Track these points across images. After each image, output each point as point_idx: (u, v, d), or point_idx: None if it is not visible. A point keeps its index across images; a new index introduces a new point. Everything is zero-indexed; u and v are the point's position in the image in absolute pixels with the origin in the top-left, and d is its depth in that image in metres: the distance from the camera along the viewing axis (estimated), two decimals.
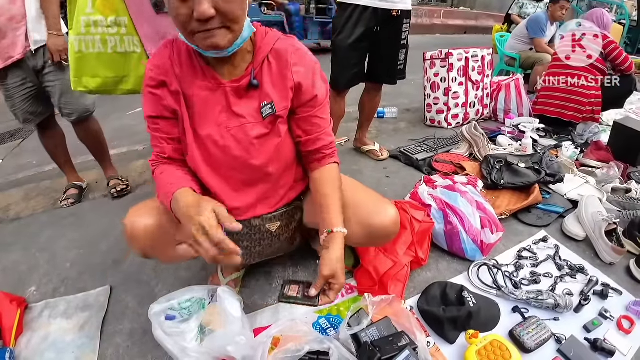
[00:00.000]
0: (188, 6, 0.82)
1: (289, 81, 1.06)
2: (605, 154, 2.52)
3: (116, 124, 3.66)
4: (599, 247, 1.70)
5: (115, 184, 2.30)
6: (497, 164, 2.15)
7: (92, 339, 1.33)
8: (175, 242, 1.07)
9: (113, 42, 1.60)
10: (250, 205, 1.20)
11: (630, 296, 1.48)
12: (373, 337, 1.12)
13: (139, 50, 1.64)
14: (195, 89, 1.05)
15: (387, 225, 1.18)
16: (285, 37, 1.10)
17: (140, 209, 1.13)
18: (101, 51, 1.62)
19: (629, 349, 1.27)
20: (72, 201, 2.23)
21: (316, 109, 1.12)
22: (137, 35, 1.60)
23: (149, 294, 1.50)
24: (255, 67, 1.05)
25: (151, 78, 1.05)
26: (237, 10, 0.87)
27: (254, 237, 1.28)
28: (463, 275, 1.58)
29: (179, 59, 1.04)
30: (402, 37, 2.21)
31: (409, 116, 3.67)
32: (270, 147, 1.12)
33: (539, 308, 1.40)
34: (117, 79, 1.70)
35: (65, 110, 2.08)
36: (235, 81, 1.04)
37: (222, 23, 0.87)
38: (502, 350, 1.16)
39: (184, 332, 1.17)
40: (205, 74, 1.04)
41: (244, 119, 1.07)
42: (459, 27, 11.08)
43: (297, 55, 1.07)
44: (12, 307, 1.37)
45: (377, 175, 2.46)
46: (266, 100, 1.07)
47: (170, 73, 1.04)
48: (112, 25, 1.57)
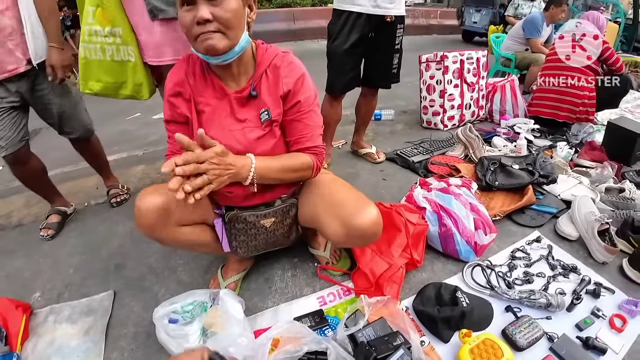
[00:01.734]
0: (192, 14, 1.00)
1: (279, 90, 1.21)
2: (599, 154, 2.54)
3: (115, 129, 3.69)
4: (591, 247, 1.73)
5: (115, 194, 2.29)
6: (491, 165, 2.19)
7: (97, 343, 1.35)
8: (180, 223, 1.24)
9: (110, 50, 1.68)
10: (247, 195, 1.29)
11: (622, 295, 1.50)
12: (369, 337, 1.15)
13: (133, 60, 1.70)
14: (206, 98, 1.21)
15: (368, 226, 1.21)
16: (282, 53, 1.25)
17: (150, 190, 1.20)
18: (101, 59, 1.71)
19: (621, 347, 1.29)
20: (53, 232, 2.00)
21: (301, 114, 1.24)
22: (132, 44, 1.66)
23: (152, 298, 1.54)
24: (255, 80, 1.21)
25: (170, 88, 1.22)
26: (232, 19, 1.03)
27: (249, 232, 1.38)
28: (457, 276, 1.60)
29: (193, 71, 1.21)
30: (396, 42, 2.23)
31: (405, 118, 3.70)
32: (266, 147, 1.25)
33: (531, 307, 1.43)
34: (117, 84, 1.77)
35: (66, 129, 1.99)
36: (239, 92, 1.20)
37: (218, 28, 1.02)
38: (494, 349, 1.19)
39: (187, 335, 1.21)
40: (214, 85, 1.20)
41: (245, 123, 1.22)
42: (455, 27, 11.08)
43: (288, 69, 1.22)
44: (17, 313, 1.39)
45: (374, 178, 2.49)
46: (264, 107, 1.22)
47: (185, 84, 1.20)
48: (109, 35, 1.64)
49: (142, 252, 1.80)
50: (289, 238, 1.47)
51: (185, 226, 1.28)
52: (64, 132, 2.00)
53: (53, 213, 2.10)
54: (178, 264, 1.71)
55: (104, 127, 3.64)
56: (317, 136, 1.29)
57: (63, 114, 1.90)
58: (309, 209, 1.37)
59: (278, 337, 1.15)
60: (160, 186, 1.22)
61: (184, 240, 1.29)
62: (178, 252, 1.75)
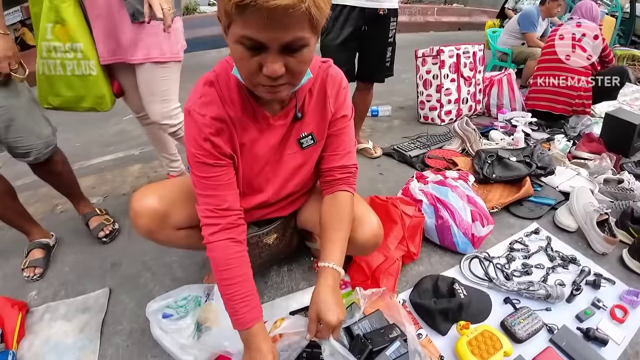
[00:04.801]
0: (257, 60, 0.78)
1: (327, 112, 1.08)
2: (597, 146, 2.54)
3: (113, 129, 3.68)
4: (591, 238, 1.72)
5: (99, 226, 1.90)
6: (488, 158, 2.18)
7: (92, 340, 1.35)
8: (177, 226, 1.16)
9: (71, 66, 1.65)
10: (256, 214, 1.25)
11: (623, 285, 1.50)
12: (365, 330, 1.15)
13: (95, 73, 1.67)
14: (248, 131, 1.03)
15: (367, 238, 1.19)
16: (323, 64, 1.07)
17: (146, 191, 1.16)
18: (62, 74, 1.67)
19: (623, 338, 1.28)
20: (40, 271, 1.68)
21: (339, 129, 1.12)
22: (93, 58, 1.64)
23: (147, 294, 1.52)
24: (299, 100, 1.05)
25: (208, 124, 0.97)
26: (305, 68, 0.86)
27: (253, 252, 1.30)
28: (455, 268, 1.60)
29: (230, 99, 0.98)
30: (389, 35, 2.22)
31: (402, 114, 3.68)
32: (305, 175, 1.18)
33: (530, 299, 1.42)
34: (78, 97, 1.73)
35: (19, 150, 1.52)
36: (282, 117, 1.05)
37: (289, 80, 0.84)
38: (492, 341, 1.18)
39: (181, 329, 1.20)
40: (256, 113, 1.01)
41: (286, 150, 1.11)
42: (452, 23, 11.05)
43: (334, 88, 1.08)
44: (13, 311, 1.38)
45: (371, 173, 2.48)
46: (306, 131, 1.09)
47: (225, 117, 0.99)
48: (70, 51, 1.61)
49: (138, 249, 1.78)
50: (291, 246, 1.46)
51: (183, 229, 1.21)
52: (15, 151, 1.53)
53: (35, 248, 1.75)
54: (173, 261, 1.70)
55: (101, 129, 3.66)
56: (353, 154, 1.17)
57: (11, 123, 1.46)
58: (310, 217, 1.33)
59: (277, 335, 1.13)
60: (158, 186, 1.19)
61: (182, 243, 1.26)
62: (173, 249, 1.73)
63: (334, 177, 1.15)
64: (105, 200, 2.31)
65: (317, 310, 0.98)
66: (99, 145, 3.28)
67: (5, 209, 1.66)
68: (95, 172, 2.44)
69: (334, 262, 1.03)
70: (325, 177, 1.17)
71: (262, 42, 0.74)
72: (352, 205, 1.13)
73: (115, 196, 2.35)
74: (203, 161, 0.98)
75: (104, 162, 2.90)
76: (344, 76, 1.11)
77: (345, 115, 1.12)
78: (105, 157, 3.00)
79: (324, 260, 1.04)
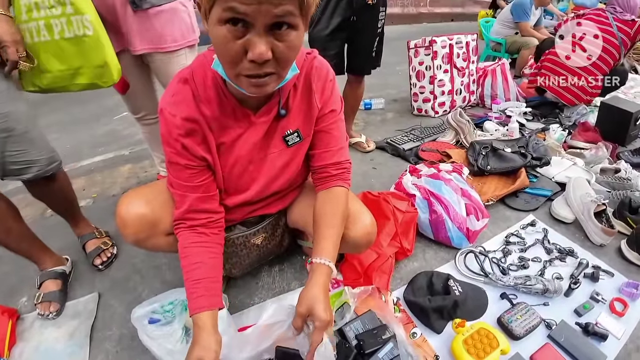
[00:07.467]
0: (241, 44, 0.70)
1: (314, 109, 1.04)
2: (593, 135, 2.50)
3: (102, 130, 3.63)
4: (588, 229, 1.70)
5: (96, 250, 1.68)
6: (483, 149, 2.15)
7: (82, 346, 1.33)
8: (167, 232, 1.12)
9: (59, 26, 1.27)
10: (242, 211, 1.22)
11: (622, 277, 1.47)
12: (357, 331, 1.12)
13: (90, 32, 1.30)
14: (226, 130, 0.99)
15: (360, 236, 1.15)
16: (308, 55, 1.02)
17: (133, 196, 1.12)
18: (47, 40, 1.29)
19: (623, 332, 1.26)
20: (57, 307, 1.44)
21: (329, 124, 1.08)
22: (88, 12, 1.29)
23: (136, 298, 1.50)
24: (283, 96, 1.00)
25: (178, 125, 0.92)
26: (294, 56, 0.79)
27: (240, 253, 1.29)
28: (450, 263, 1.57)
29: (207, 97, 0.93)
30: (378, 26, 2.19)
31: (396, 106, 3.65)
32: (292, 173, 1.15)
33: (527, 294, 1.40)
34: (72, 71, 1.36)
35: (15, 166, 1.25)
36: (264, 113, 1.00)
37: (276, 68, 0.76)
38: (489, 339, 1.16)
39: (169, 335, 1.17)
40: (236, 112, 0.97)
41: (270, 149, 1.07)
42: (445, 14, 10.99)
43: (320, 81, 1.03)
44: (3, 319, 1.36)
45: (364, 167, 2.45)
46: (291, 128, 1.05)
47: (198, 117, 0.94)
48: (56, 5, 1.25)
49: (127, 252, 1.75)
50: (282, 246, 1.43)
51: (173, 234, 1.12)
52: (9, 167, 1.24)
53: (47, 279, 1.49)
54: (162, 263, 1.67)
55: (91, 129, 3.61)
56: (345, 150, 1.13)
57: (12, 132, 1.19)
58: (301, 216, 1.30)
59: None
60: (145, 190, 1.15)
61: (173, 249, 1.18)
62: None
63: (328, 173, 1.11)
64: (95, 202, 2.27)
65: (308, 305, 0.93)
66: (89, 146, 3.23)
67: (7, 234, 1.36)
68: (85, 174, 2.40)
69: (327, 258, 0.99)
70: (318, 175, 1.14)
71: (247, 15, 0.66)
72: (347, 201, 1.10)
73: (105, 197, 2.31)
74: (175, 161, 0.97)
75: (94, 164, 2.85)
76: (330, 68, 1.06)
77: (334, 110, 1.07)
78: (95, 158, 2.95)
79: (317, 256, 1.00)
